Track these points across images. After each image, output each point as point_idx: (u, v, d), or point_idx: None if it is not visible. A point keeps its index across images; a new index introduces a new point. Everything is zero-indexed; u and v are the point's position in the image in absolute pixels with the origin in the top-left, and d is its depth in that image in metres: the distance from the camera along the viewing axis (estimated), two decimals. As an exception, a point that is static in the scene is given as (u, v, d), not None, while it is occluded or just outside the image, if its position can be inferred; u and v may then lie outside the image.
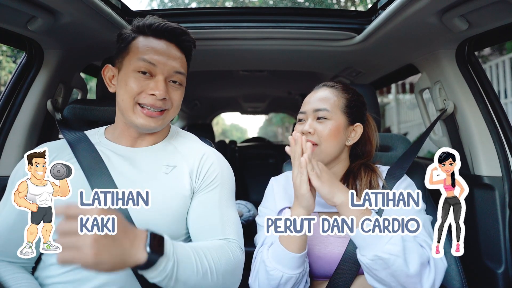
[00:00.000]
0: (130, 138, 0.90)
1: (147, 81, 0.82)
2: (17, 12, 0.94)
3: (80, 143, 0.89)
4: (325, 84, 1.01)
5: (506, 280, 1.10)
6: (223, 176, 0.91)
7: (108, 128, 0.97)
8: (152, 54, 0.82)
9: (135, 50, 0.83)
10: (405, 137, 1.23)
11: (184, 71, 0.88)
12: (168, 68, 0.83)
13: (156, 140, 0.93)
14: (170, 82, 0.85)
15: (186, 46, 0.89)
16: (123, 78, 0.83)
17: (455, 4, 0.95)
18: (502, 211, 1.15)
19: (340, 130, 0.94)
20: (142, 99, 0.82)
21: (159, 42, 0.84)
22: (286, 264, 0.80)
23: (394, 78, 2.00)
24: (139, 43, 0.84)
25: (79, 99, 1.24)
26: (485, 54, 6.68)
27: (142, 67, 0.81)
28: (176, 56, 0.86)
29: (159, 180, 0.85)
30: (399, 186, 0.94)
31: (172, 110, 0.88)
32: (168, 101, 0.85)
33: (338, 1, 3.70)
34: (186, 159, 0.90)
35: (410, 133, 8.20)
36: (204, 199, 0.87)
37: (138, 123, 0.83)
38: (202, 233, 0.84)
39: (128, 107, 0.83)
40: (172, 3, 2.94)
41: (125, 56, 0.85)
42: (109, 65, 0.90)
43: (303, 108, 0.99)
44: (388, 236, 0.75)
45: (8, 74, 6.82)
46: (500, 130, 1.21)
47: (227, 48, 1.55)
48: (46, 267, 0.79)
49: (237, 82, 2.86)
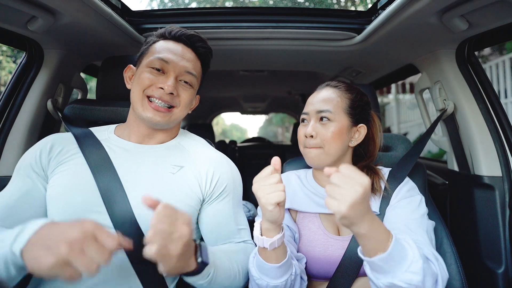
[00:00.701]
0: (140, 134, 0.92)
1: (159, 77, 0.87)
2: (17, 12, 0.94)
3: (87, 139, 0.90)
4: (328, 84, 0.99)
5: (506, 280, 1.10)
6: (234, 183, 0.95)
7: (119, 126, 0.99)
8: (167, 53, 0.88)
9: (153, 51, 0.89)
10: (405, 137, 1.23)
11: (195, 73, 0.91)
12: (180, 67, 0.88)
13: (165, 139, 0.95)
14: (181, 82, 0.90)
15: (201, 52, 0.94)
16: (138, 74, 0.89)
17: (455, 4, 0.95)
18: (502, 211, 1.15)
19: (343, 131, 0.92)
20: (150, 92, 0.86)
21: (176, 45, 0.90)
22: (268, 274, 0.78)
23: (394, 78, 1.99)
24: (158, 45, 0.90)
25: (79, 99, 1.23)
26: (485, 54, 6.68)
27: (155, 64, 0.87)
28: (190, 58, 0.91)
29: (165, 181, 0.86)
30: (401, 189, 0.93)
31: (180, 109, 0.90)
32: (177, 98, 0.88)
33: (338, 1, 3.70)
34: (194, 162, 0.92)
35: (410, 133, 8.20)
36: (219, 209, 0.91)
37: (146, 116, 0.86)
38: (220, 240, 0.91)
39: (137, 99, 0.87)
40: (172, 3, 2.94)
41: (144, 56, 0.91)
42: (130, 65, 0.96)
43: (306, 108, 0.98)
44: (408, 262, 0.64)
45: (8, 74, 6.82)
46: (500, 130, 1.21)
47: (227, 48, 1.55)
48: None
49: (237, 82, 2.86)
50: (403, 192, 0.92)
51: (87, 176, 0.82)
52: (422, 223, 0.85)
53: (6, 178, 1.15)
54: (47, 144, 0.87)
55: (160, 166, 0.88)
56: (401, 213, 0.87)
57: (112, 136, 0.94)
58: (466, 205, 1.27)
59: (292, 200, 0.98)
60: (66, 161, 0.85)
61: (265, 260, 0.77)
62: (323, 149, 0.91)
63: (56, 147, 0.87)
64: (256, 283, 0.80)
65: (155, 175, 0.86)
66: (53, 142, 0.88)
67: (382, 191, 0.93)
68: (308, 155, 0.94)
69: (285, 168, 1.20)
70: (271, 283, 0.78)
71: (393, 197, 0.92)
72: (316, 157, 0.92)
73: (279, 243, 0.75)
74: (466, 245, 1.25)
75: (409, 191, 0.93)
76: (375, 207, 0.91)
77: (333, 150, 0.91)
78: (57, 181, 0.82)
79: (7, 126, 1.19)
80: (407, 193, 0.92)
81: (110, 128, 0.97)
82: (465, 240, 1.26)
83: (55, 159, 0.85)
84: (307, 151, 0.94)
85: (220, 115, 5.26)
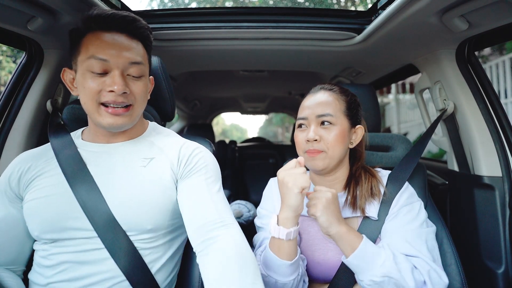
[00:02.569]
0: (104, 137, 0.89)
1: (103, 78, 0.78)
2: (17, 12, 0.94)
3: (64, 149, 0.88)
4: (323, 87, 0.97)
5: (506, 280, 1.10)
6: (205, 159, 0.89)
7: (85, 130, 0.96)
8: (102, 49, 0.77)
9: (85, 49, 0.78)
10: (406, 137, 1.23)
11: (142, 60, 0.82)
12: (122, 60, 0.78)
13: (132, 136, 0.91)
14: (129, 76, 0.81)
15: (140, 33, 0.83)
16: (80, 81, 0.80)
17: (455, 4, 0.95)
18: (502, 211, 1.15)
19: (345, 134, 0.92)
20: (103, 98, 0.78)
21: (108, 35, 0.78)
22: (278, 271, 0.78)
23: (394, 78, 1.99)
24: (87, 40, 0.79)
25: (79, 99, 1.23)
26: (485, 54, 6.69)
27: (94, 66, 0.77)
28: (130, 46, 0.80)
29: (137, 173, 0.84)
30: (400, 197, 0.92)
31: (137, 104, 0.84)
32: (130, 95, 0.81)
33: (338, 1, 3.70)
34: (165, 152, 0.88)
35: (410, 133, 8.20)
36: (191, 183, 0.84)
37: (106, 123, 0.80)
38: (198, 221, 0.79)
39: (92, 109, 0.80)
40: (172, 3, 2.94)
41: (77, 56, 0.80)
42: (66, 68, 0.86)
43: (303, 113, 0.95)
44: (382, 258, 0.78)
45: (8, 74, 6.81)
46: (500, 130, 1.21)
47: (227, 48, 1.54)
48: (39, 269, 0.80)
49: (237, 82, 2.86)
50: (403, 199, 0.91)
51: (60, 185, 0.81)
52: (421, 233, 0.85)
53: (6, 178, 1.15)
54: (15, 165, 0.87)
55: (130, 162, 0.85)
56: (401, 223, 0.87)
57: (79, 141, 0.91)
58: (466, 205, 1.27)
59: None
60: (37, 176, 0.84)
61: (278, 255, 0.78)
62: (327, 153, 0.90)
63: (24, 165, 0.86)
64: (264, 280, 0.79)
65: (126, 171, 0.84)
66: (21, 161, 0.87)
67: (381, 195, 0.92)
68: (312, 161, 0.92)
69: (285, 168, 1.20)
70: (281, 281, 0.78)
71: (393, 204, 0.91)
72: (321, 162, 0.91)
73: (294, 235, 0.78)
74: (466, 245, 1.25)
75: (408, 198, 0.92)
76: (374, 213, 0.89)
77: (336, 153, 0.90)
78: (30, 196, 0.82)
79: (7, 126, 1.18)
80: (407, 200, 0.91)
81: (78, 133, 0.95)
82: (465, 240, 1.26)
83: (24, 177, 0.84)
84: (310, 157, 0.92)
85: (220, 115, 5.25)
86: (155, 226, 0.81)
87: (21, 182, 0.84)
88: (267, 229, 0.94)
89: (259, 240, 0.93)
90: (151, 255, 0.82)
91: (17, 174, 0.85)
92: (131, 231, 0.79)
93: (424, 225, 0.88)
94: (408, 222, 0.87)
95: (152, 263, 0.82)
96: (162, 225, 0.83)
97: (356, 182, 0.94)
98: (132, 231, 0.80)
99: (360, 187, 0.92)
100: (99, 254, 0.77)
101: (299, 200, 0.77)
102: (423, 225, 0.88)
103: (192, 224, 0.79)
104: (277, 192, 0.99)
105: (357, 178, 0.94)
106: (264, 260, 0.81)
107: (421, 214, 0.90)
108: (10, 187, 0.85)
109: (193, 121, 4.04)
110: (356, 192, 0.92)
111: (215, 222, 0.77)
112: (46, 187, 0.82)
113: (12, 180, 0.85)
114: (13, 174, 0.85)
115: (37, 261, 0.82)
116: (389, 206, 0.90)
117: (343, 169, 0.97)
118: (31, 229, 0.81)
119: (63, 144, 0.89)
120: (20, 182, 0.84)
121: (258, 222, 0.99)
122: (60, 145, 0.89)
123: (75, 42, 0.81)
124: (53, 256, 0.78)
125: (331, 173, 0.96)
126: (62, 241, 0.78)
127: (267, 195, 1.04)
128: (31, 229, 0.81)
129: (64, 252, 0.78)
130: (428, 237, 0.86)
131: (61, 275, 0.76)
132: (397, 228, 0.86)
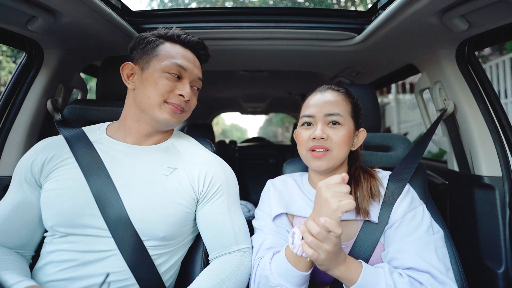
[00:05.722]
0: (138, 135, 0.92)
1: (175, 82, 0.89)
2: (17, 12, 0.94)
3: (79, 141, 0.90)
4: (330, 87, 0.96)
5: (506, 280, 1.10)
6: (228, 182, 0.95)
7: (111, 125, 0.98)
8: (183, 60, 0.90)
9: (165, 54, 0.89)
10: (406, 137, 1.23)
11: (201, 79, 0.97)
12: (194, 74, 0.93)
13: (160, 140, 0.96)
14: (193, 88, 0.95)
15: (203, 59, 1.01)
16: (151, 78, 0.87)
17: (455, 4, 0.95)
18: (502, 211, 1.15)
19: (351, 135, 0.92)
20: (170, 99, 0.88)
21: (187, 51, 0.93)
22: (292, 281, 0.77)
23: (394, 78, 1.99)
24: (168, 48, 0.90)
25: (79, 99, 1.23)
26: (485, 54, 6.68)
27: (173, 70, 0.88)
28: (199, 65, 0.97)
29: (158, 182, 0.86)
30: (401, 201, 0.89)
31: (188, 113, 0.95)
32: (188, 103, 0.92)
33: (338, 1, 3.70)
34: (188, 164, 0.92)
35: (410, 133, 8.21)
36: (213, 209, 0.91)
37: (163, 118, 0.88)
38: (216, 243, 0.91)
39: (155, 103, 0.87)
40: (172, 3, 2.94)
41: (152, 57, 0.89)
42: (130, 63, 0.92)
43: (309, 110, 0.93)
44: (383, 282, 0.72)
45: (8, 74, 6.82)
46: (500, 130, 1.21)
47: (227, 48, 1.55)
48: (44, 265, 0.80)
49: (237, 82, 2.86)
50: (406, 205, 0.88)
51: (80, 180, 0.83)
52: (429, 241, 0.81)
53: (6, 178, 1.15)
54: (39, 152, 0.87)
55: (153, 168, 0.88)
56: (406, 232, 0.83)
57: (104, 136, 0.93)
58: (466, 205, 1.27)
59: (289, 205, 0.96)
60: (59, 166, 0.85)
61: (296, 267, 0.76)
62: (332, 152, 0.89)
63: (48, 153, 0.87)
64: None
65: (148, 177, 0.86)
66: (45, 148, 0.88)
67: (381, 196, 0.90)
68: (317, 161, 0.90)
69: (285, 168, 1.20)
70: None
71: (395, 209, 0.88)
72: (325, 162, 0.89)
73: None
74: (466, 245, 1.25)
75: (411, 203, 0.89)
76: (374, 216, 0.87)
77: (341, 154, 0.90)
78: (50, 186, 0.83)
79: (7, 126, 1.19)
80: (410, 206, 0.88)
81: (102, 128, 0.97)
82: (465, 240, 1.26)
83: (47, 165, 0.86)
84: (313, 155, 0.90)
85: (220, 115, 5.26)
86: (167, 235, 0.84)
87: (44, 169, 0.85)
88: (265, 231, 0.94)
89: (259, 242, 0.92)
90: (159, 259, 0.85)
91: (40, 160, 0.86)
92: (143, 235, 0.81)
93: (431, 231, 0.84)
94: (414, 229, 0.83)
95: (159, 266, 0.85)
96: (174, 234, 0.86)
97: (356, 183, 0.93)
98: (144, 236, 0.81)
99: (360, 187, 0.91)
100: (104, 255, 0.78)
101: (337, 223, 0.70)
102: (430, 231, 0.84)
103: (210, 244, 0.92)
104: (274, 195, 0.98)
105: (356, 178, 0.93)
106: (279, 270, 0.79)
107: (426, 218, 0.86)
108: (32, 172, 0.85)
109: (193, 121, 4.04)
110: (357, 194, 0.91)
111: (231, 246, 0.91)
112: (66, 179, 0.83)
113: (35, 166, 0.85)
114: (36, 160, 0.86)
115: (42, 255, 0.83)
116: (390, 209, 0.87)
117: (342, 170, 0.97)
118: (45, 219, 0.82)
119: (76, 136, 0.92)
120: (43, 170, 0.85)
121: (256, 224, 0.99)
122: (73, 137, 0.91)
123: (153, 46, 0.91)
124: (60, 253, 0.79)
125: (331, 173, 0.95)
126: (73, 236, 0.79)
127: (264, 197, 1.03)
128: (46, 219, 0.82)
129: (71, 249, 0.78)
130: (437, 245, 0.81)
131: (63, 273, 0.77)
132: (403, 238, 0.83)
